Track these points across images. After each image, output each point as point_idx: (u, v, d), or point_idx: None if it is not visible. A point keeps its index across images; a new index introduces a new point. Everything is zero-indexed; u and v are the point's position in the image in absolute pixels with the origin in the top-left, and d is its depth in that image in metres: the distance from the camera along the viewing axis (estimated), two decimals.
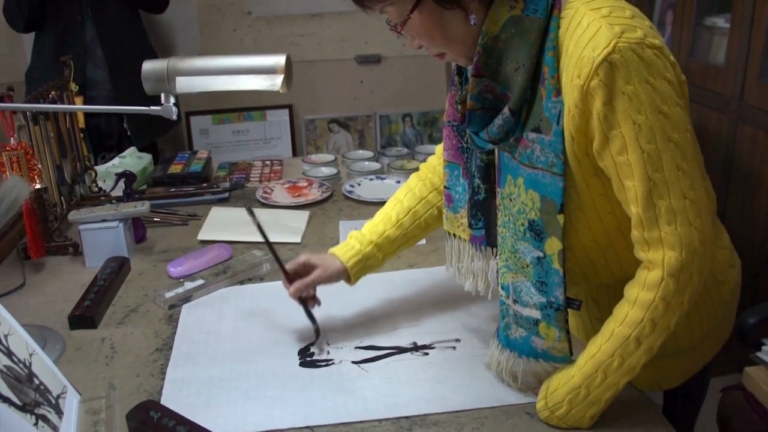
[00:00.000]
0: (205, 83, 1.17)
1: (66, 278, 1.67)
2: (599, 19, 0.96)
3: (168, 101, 1.19)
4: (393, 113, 3.78)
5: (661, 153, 0.95)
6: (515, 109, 1.04)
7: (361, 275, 1.37)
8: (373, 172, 2.32)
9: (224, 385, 1.23)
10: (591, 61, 0.94)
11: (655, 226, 0.97)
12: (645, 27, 0.96)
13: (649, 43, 0.94)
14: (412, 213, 1.37)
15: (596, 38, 0.94)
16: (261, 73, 1.16)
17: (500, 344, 1.19)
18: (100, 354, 1.34)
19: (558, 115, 1.00)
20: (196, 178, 2.22)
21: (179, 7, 3.33)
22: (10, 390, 1.00)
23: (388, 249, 1.37)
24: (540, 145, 1.03)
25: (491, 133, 1.07)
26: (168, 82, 1.17)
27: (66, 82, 1.95)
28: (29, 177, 1.58)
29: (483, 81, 1.06)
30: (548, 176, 1.03)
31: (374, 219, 1.40)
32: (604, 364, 1.02)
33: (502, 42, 1.03)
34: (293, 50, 3.59)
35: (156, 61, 1.19)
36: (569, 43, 0.98)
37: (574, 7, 1.00)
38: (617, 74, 0.93)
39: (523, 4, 1.02)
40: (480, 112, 1.08)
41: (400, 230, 1.37)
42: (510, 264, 1.13)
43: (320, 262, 1.35)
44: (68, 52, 2.70)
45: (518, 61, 1.02)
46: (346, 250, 1.36)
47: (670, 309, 0.98)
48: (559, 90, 0.99)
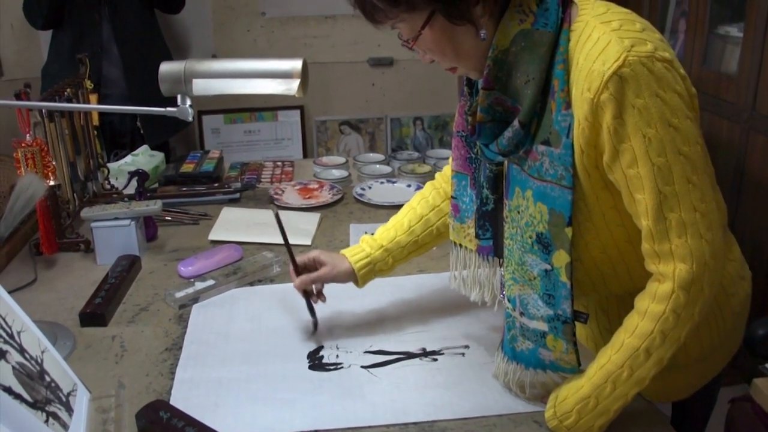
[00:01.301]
0: (221, 86, 1.18)
1: (77, 275, 1.68)
2: (609, 32, 0.96)
3: (184, 103, 1.20)
4: (404, 116, 3.78)
5: (671, 166, 0.95)
6: (525, 121, 1.04)
7: (369, 279, 1.38)
8: (384, 175, 2.33)
9: (233, 386, 1.23)
10: (601, 74, 0.94)
11: (665, 238, 0.97)
12: (655, 40, 0.96)
13: (659, 56, 0.94)
14: (424, 220, 1.38)
15: (606, 52, 0.95)
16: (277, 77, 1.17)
17: (506, 356, 1.19)
18: (110, 352, 1.35)
19: (568, 129, 1.00)
20: (207, 177, 2.23)
21: (194, 7, 3.34)
22: (22, 387, 1.00)
23: (399, 255, 1.38)
24: (549, 158, 1.03)
25: (501, 145, 1.08)
26: (185, 84, 1.18)
27: (81, 80, 1.96)
28: (44, 174, 1.59)
29: (493, 94, 1.06)
30: (557, 189, 1.03)
31: (387, 224, 1.41)
32: (613, 374, 1.02)
33: (512, 55, 1.04)
34: (306, 51, 3.60)
35: (173, 62, 1.20)
36: (579, 57, 0.99)
37: (585, 21, 1.01)
38: (627, 88, 0.93)
39: (533, 18, 1.02)
40: (490, 124, 1.09)
41: (411, 237, 1.38)
42: (517, 276, 1.13)
43: (329, 260, 1.37)
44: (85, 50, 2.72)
45: (528, 74, 1.02)
46: (355, 252, 1.38)
47: (681, 321, 0.98)
48: (569, 103, 1.00)
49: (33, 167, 1.57)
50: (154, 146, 2.69)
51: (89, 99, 1.95)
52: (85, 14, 2.77)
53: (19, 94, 1.53)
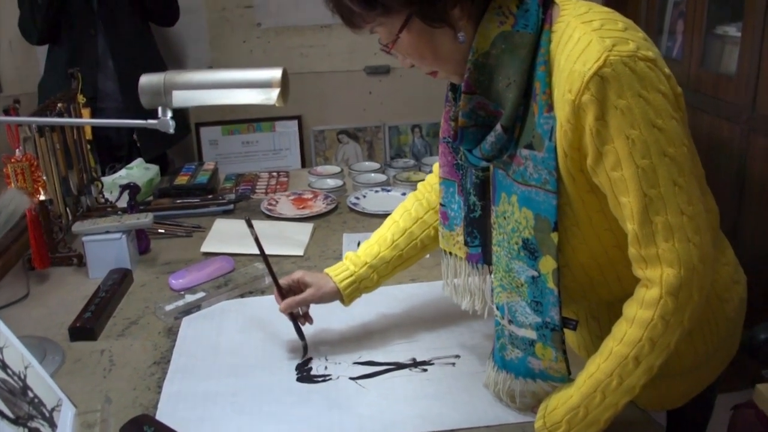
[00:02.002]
0: (201, 97, 1.17)
1: (69, 289, 1.67)
2: (590, 32, 0.95)
3: (165, 115, 1.19)
4: (402, 124, 3.77)
5: (656, 168, 0.94)
6: (507, 125, 1.03)
7: (355, 297, 1.36)
8: (379, 184, 2.32)
9: (219, 399, 1.22)
10: (582, 75, 0.93)
11: (652, 242, 0.96)
12: (638, 39, 0.95)
13: (641, 55, 0.93)
14: (407, 234, 1.36)
15: (587, 52, 0.94)
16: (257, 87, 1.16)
17: (496, 365, 1.18)
18: (98, 366, 1.34)
19: (550, 132, 0.99)
20: (201, 189, 2.22)
21: (189, 19, 3.34)
22: (4, 403, 1.00)
23: (384, 270, 1.36)
24: (533, 162, 1.02)
25: (484, 150, 1.07)
26: (165, 96, 1.17)
27: (74, 94, 1.96)
28: (34, 188, 1.59)
29: (475, 98, 1.05)
30: (542, 194, 1.02)
31: (370, 240, 1.39)
32: (602, 383, 1.01)
33: (493, 58, 1.02)
34: (302, 61, 3.60)
35: (153, 75, 1.20)
36: (560, 58, 0.97)
37: (566, 21, 1.00)
38: (609, 88, 0.92)
39: (513, 20, 1.01)
40: (473, 129, 1.08)
41: (395, 251, 1.36)
42: (505, 283, 1.12)
43: (314, 281, 1.34)
44: (80, 64, 2.72)
45: (509, 77, 1.01)
46: (339, 271, 1.35)
47: (670, 328, 0.97)
48: (551, 105, 0.98)
49: (23, 182, 1.56)
50: (151, 159, 2.68)
51: (81, 113, 1.95)
52: (79, 29, 2.77)
53: (8, 110, 1.53)
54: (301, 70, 3.63)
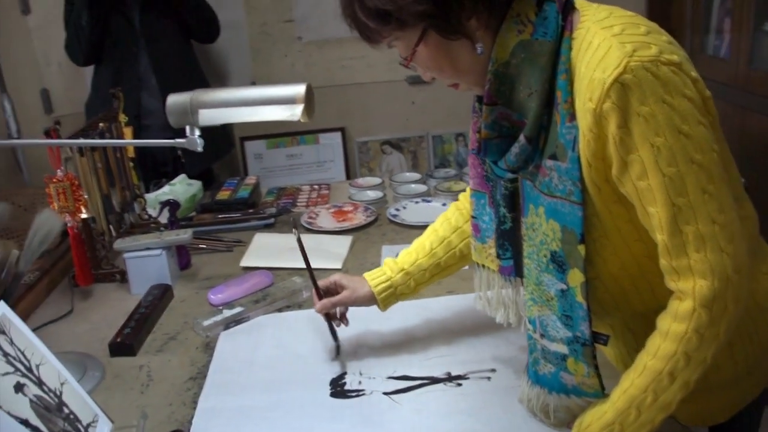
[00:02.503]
0: (227, 115, 1.18)
1: (112, 305, 1.70)
2: (610, 38, 0.93)
3: (192, 134, 1.21)
4: (446, 133, 3.76)
5: (683, 176, 0.91)
6: (530, 136, 1.01)
7: (390, 302, 1.36)
8: (419, 194, 2.31)
9: (253, 414, 1.23)
10: (602, 82, 0.90)
11: (683, 253, 0.93)
12: (661, 43, 0.92)
13: (665, 59, 0.90)
14: (446, 242, 1.36)
15: (607, 58, 0.91)
16: (281, 103, 1.17)
17: (530, 380, 1.16)
18: (136, 382, 1.36)
19: (573, 141, 0.96)
20: (243, 204, 2.25)
21: (231, 35, 3.39)
22: (39, 419, 1.02)
23: (421, 278, 1.36)
24: (557, 172, 1.00)
25: (509, 161, 1.05)
26: (191, 115, 1.19)
27: (115, 114, 2.00)
28: (75, 207, 1.63)
29: (497, 109, 1.04)
30: (567, 205, 0.99)
31: (409, 247, 1.39)
32: (637, 399, 0.98)
33: (513, 68, 1.01)
34: (344, 73, 3.62)
35: (179, 95, 1.21)
36: (581, 65, 0.95)
37: (586, 27, 0.98)
38: (630, 95, 0.89)
39: (531, 28, 0.99)
40: (497, 140, 1.06)
41: (433, 259, 1.36)
42: (535, 296, 1.10)
43: (350, 284, 1.36)
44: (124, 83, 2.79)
45: (530, 87, 1.00)
46: (376, 276, 1.37)
47: (705, 341, 0.93)
48: (573, 115, 0.96)
49: (64, 201, 1.60)
50: (196, 174, 2.73)
51: (123, 133, 1.99)
52: (123, 48, 2.84)
53: (49, 132, 1.57)
54: (343, 82, 3.65)
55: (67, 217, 1.63)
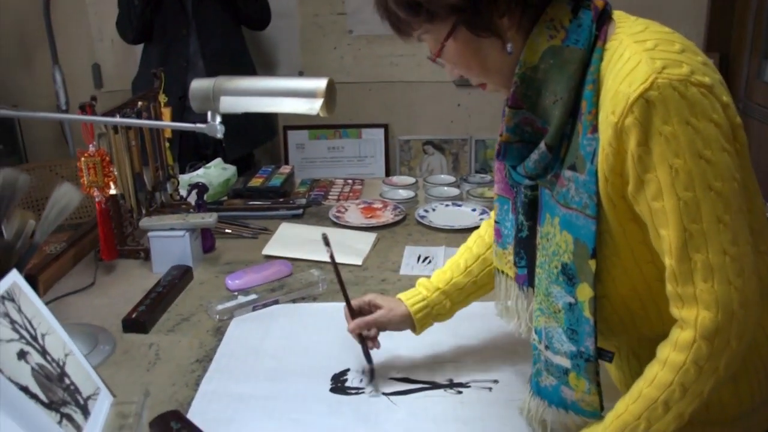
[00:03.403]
0: (247, 103, 1.19)
1: (132, 282, 1.73)
2: (641, 52, 0.90)
3: (214, 120, 1.22)
4: (489, 138, 3.73)
5: (699, 202, 0.88)
6: (552, 144, 0.99)
7: (427, 323, 1.33)
8: (451, 198, 2.29)
9: (252, 402, 1.23)
10: (626, 97, 0.88)
11: (689, 281, 0.90)
12: (694, 63, 0.90)
13: (695, 80, 0.88)
14: (481, 260, 1.33)
15: (635, 73, 0.89)
16: (302, 96, 1.17)
17: (531, 390, 1.15)
18: (144, 359, 1.38)
19: (593, 154, 0.94)
20: (274, 192, 2.26)
21: (282, 23, 3.42)
22: (39, 387, 1.04)
23: (457, 297, 1.33)
24: (575, 184, 0.98)
25: (528, 168, 1.04)
26: (213, 102, 1.20)
27: (155, 94, 2.03)
28: (104, 183, 1.66)
29: (522, 113, 1.02)
30: (581, 218, 0.98)
31: (443, 267, 1.36)
32: (629, 426, 0.96)
33: (541, 73, 0.99)
34: (392, 70, 3.62)
35: (204, 80, 1.23)
36: (609, 77, 0.93)
37: (619, 39, 0.95)
38: (654, 113, 0.87)
39: (564, 34, 0.98)
40: (517, 145, 1.04)
41: (468, 278, 1.33)
42: (543, 307, 1.08)
43: (385, 304, 1.32)
44: (172, 63, 2.84)
45: (556, 94, 0.98)
46: (411, 296, 1.33)
47: (703, 374, 0.91)
48: (596, 127, 0.94)
49: (94, 176, 1.63)
50: (236, 159, 2.76)
51: (161, 113, 2.02)
52: (173, 29, 2.88)
53: (84, 107, 1.60)
54: (391, 78, 3.65)
55: (96, 192, 1.66)
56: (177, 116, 2.38)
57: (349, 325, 1.31)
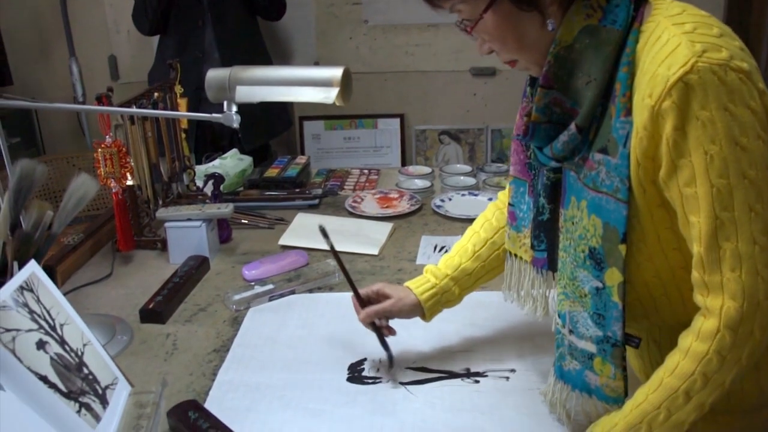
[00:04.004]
0: (263, 93, 1.18)
1: (149, 272, 1.74)
2: (680, 35, 0.89)
3: (230, 109, 1.22)
4: (505, 128, 3.71)
5: (732, 189, 0.87)
6: (582, 126, 0.98)
7: (436, 311, 1.32)
8: (467, 187, 2.28)
9: (269, 392, 1.24)
10: (665, 79, 0.87)
11: (717, 269, 0.89)
12: (733, 48, 0.88)
13: (734, 65, 0.86)
14: (489, 244, 1.32)
15: (674, 56, 0.87)
16: (317, 85, 1.16)
17: (555, 374, 1.14)
18: (161, 349, 1.39)
19: (626, 137, 0.93)
20: (290, 182, 2.26)
21: (297, 13, 3.42)
22: (58, 377, 1.05)
23: (466, 283, 1.32)
24: (606, 167, 0.96)
25: (555, 149, 1.02)
26: (229, 91, 1.20)
27: (172, 85, 2.03)
28: (121, 174, 1.66)
29: (552, 93, 1.00)
30: (612, 202, 0.96)
31: (450, 252, 1.35)
32: (649, 415, 0.95)
33: (576, 52, 0.97)
34: (408, 60, 3.61)
35: (220, 70, 1.22)
36: (645, 59, 0.92)
37: (656, 21, 0.94)
38: (692, 97, 0.86)
39: (601, 14, 0.96)
40: (545, 125, 1.03)
41: (477, 262, 1.32)
42: (568, 291, 1.07)
43: (394, 293, 1.31)
44: (187, 54, 2.84)
45: (590, 75, 0.96)
46: (420, 284, 1.32)
47: (726, 365, 0.90)
48: (630, 109, 0.93)
49: (111, 167, 1.64)
50: (252, 150, 2.76)
51: (178, 104, 2.02)
52: (189, 20, 2.88)
53: (101, 98, 1.60)
54: (407, 68, 3.64)
55: (113, 183, 1.67)
56: (193, 107, 2.38)
57: (359, 315, 1.31)
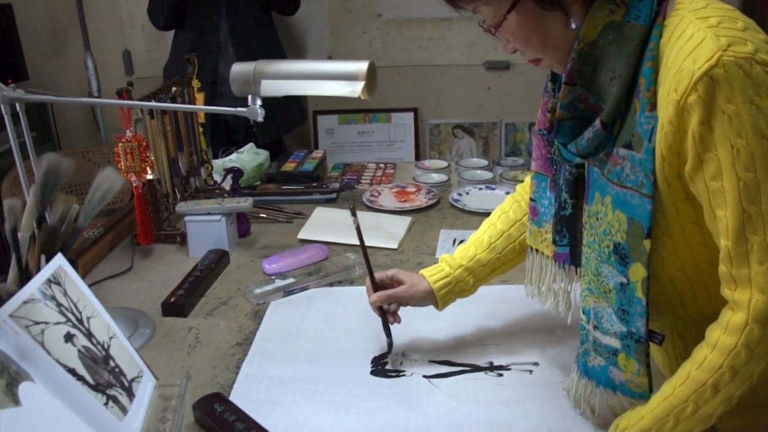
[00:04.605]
0: (288, 87, 1.19)
1: (169, 266, 1.74)
2: (705, 29, 0.89)
3: (254, 103, 1.22)
4: (519, 121, 3.71)
5: (759, 183, 0.86)
6: (607, 122, 0.98)
7: (449, 300, 1.33)
8: (484, 181, 2.28)
9: (293, 385, 1.24)
10: (690, 74, 0.87)
11: (744, 263, 0.89)
12: (758, 41, 0.88)
13: (759, 59, 0.86)
14: (505, 236, 1.32)
15: (699, 50, 0.87)
16: (343, 79, 1.16)
17: (579, 371, 1.14)
18: (184, 342, 1.39)
19: (651, 132, 0.93)
20: (307, 176, 2.26)
21: (311, 9, 3.42)
22: (86, 369, 1.05)
23: (480, 273, 1.32)
24: (630, 162, 0.96)
25: (580, 146, 1.02)
26: (254, 85, 1.20)
27: (189, 79, 2.04)
28: (141, 168, 1.67)
29: (576, 90, 1.00)
30: (637, 197, 0.96)
31: (466, 243, 1.35)
32: (676, 408, 0.95)
33: (599, 49, 0.97)
34: (421, 54, 3.61)
35: (244, 64, 1.22)
36: (670, 54, 0.91)
37: (680, 15, 0.93)
38: (718, 91, 0.85)
39: (624, 9, 0.96)
40: (570, 122, 1.03)
41: (492, 254, 1.32)
42: (593, 287, 1.07)
43: (407, 279, 1.32)
44: (202, 49, 2.84)
45: (614, 71, 0.96)
46: (434, 272, 1.33)
47: (754, 358, 0.90)
48: (654, 104, 0.93)
49: (131, 161, 1.64)
50: (267, 144, 2.76)
51: (195, 98, 2.03)
52: (203, 15, 2.89)
53: (121, 92, 1.61)
54: (420, 62, 3.63)
55: (133, 177, 1.67)
56: (208, 101, 2.39)
57: (370, 297, 1.31)
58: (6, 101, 1.23)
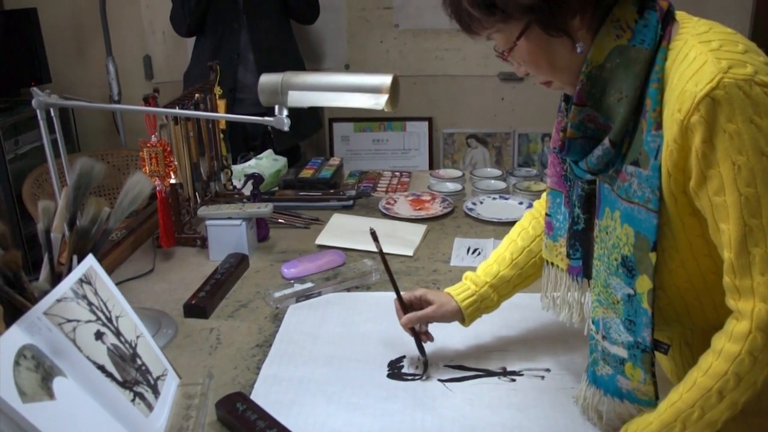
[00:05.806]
0: (314, 98, 1.23)
1: (190, 269, 1.79)
2: (707, 52, 0.93)
3: (281, 113, 1.26)
4: (532, 132, 3.74)
5: (760, 198, 0.90)
6: (616, 140, 1.02)
7: (475, 317, 1.36)
8: (498, 191, 2.31)
9: (312, 386, 1.28)
10: (693, 95, 0.91)
11: (747, 274, 0.93)
12: (758, 63, 0.92)
13: (759, 80, 0.90)
14: (526, 252, 1.36)
15: (701, 72, 0.91)
16: (367, 92, 1.20)
17: (588, 380, 1.17)
18: (206, 343, 1.43)
19: (657, 150, 0.97)
20: (324, 183, 2.30)
21: (330, 17, 3.47)
22: (114, 366, 1.09)
23: (504, 290, 1.36)
24: (638, 179, 1.00)
25: (590, 163, 1.06)
26: (281, 96, 1.24)
27: (211, 86, 2.08)
28: (165, 172, 1.71)
29: (585, 110, 1.05)
30: (643, 212, 1.00)
31: (488, 260, 1.39)
32: (683, 413, 0.98)
33: (607, 71, 1.02)
34: (437, 64, 3.65)
35: (272, 75, 1.27)
36: (674, 76, 0.96)
37: (684, 39, 0.98)
38: (719, 111, 0.90)
39: (630, 34, 1.00)
40: (581, 141, 1.07)
41: (515, 270, 1.36)
42: (602, 298, 1.11)
43: (435, 299, 1.35)
44: (222, 56, 2.89)
45: (621, 92, 1.00)
46: (461, 291, 1.36)
47: (758, 365, 0.93)
48: (660, 124, 0.97)
49: (156, 166, 1.69)
50: (283, 150, 2.81)
51: (217, 105, 2.07)
52: (225, 22, 2.94)
53: (147, 99, 1.65)
54: (436, 72, 3.67)
55: (157, 181, 1.72)
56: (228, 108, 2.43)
57: (401, 319, 1.35)
58: (42, 107, 1.27)
